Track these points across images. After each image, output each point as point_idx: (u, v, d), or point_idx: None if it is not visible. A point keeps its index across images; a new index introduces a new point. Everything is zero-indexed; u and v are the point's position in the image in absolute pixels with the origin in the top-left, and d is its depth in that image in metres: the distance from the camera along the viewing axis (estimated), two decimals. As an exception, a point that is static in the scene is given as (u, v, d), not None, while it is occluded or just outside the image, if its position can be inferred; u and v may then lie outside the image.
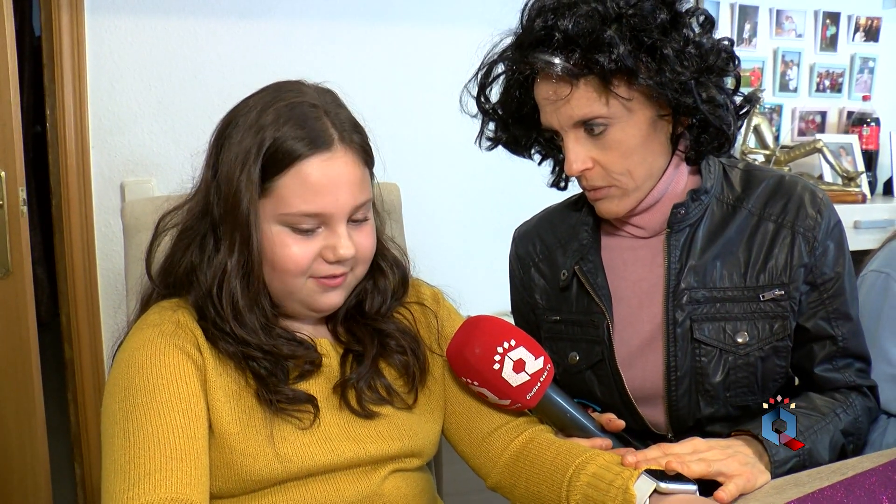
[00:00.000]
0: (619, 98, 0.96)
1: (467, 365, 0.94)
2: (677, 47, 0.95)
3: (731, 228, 1.06)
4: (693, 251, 1.06)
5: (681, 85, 0.95)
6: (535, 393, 0.95)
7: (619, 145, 0.99)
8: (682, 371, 1.04)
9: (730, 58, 1.01)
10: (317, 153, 0.88)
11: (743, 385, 1.04)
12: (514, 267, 1.23)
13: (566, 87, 0.97)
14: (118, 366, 0.87)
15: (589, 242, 1.12)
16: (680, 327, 1.04)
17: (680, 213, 1.06)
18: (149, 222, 1.12)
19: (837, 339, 1.06)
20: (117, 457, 0.79)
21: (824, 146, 2.54)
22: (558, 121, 1.00)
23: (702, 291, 1.04)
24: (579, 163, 1.00)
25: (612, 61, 0.93)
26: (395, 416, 0.95)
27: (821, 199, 1.07)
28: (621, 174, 1.01)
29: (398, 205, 1.35)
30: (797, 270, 1.04)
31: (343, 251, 0.89)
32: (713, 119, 0.98)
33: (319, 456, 0.88)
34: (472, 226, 2.26)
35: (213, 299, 0.89)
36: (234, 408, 0.87)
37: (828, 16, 2.80)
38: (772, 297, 1.03)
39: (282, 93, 0.92)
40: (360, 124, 0.95)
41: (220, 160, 0.89)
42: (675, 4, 0.97)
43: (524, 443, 0.97)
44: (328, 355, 0.96)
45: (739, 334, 1.03)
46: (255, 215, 0.88)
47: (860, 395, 1.07)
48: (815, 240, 1.04)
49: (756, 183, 1.09)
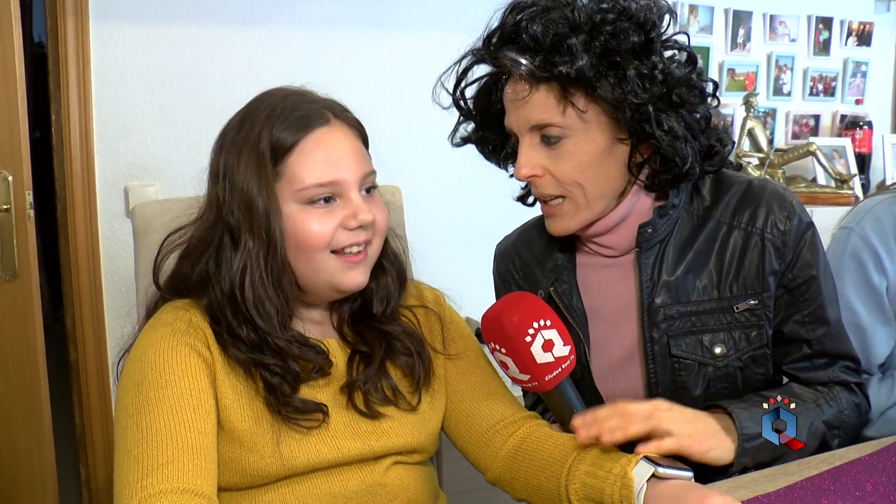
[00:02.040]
0: (576, 109, 0.96)
1: (501, 330, 0.95)
2: (643, 71, 0.95)
3: (701, 240, 1.06)
4: (664, 267, 1.05)
5: (638, 108, 0.95)
6: (555, 377, 0.96)
7: (572, 157, 0.99)
8: (662, 386, 1.05)
9: (701, 95, 1.01)
10: (316, 128, 0.93)
11: (724, 395, 1.04)
12: (498, 282, 1.24)
13: (526, 88, 0.98)
14: (131, 362, 0.90)
15: (563, 262, 1.12)
16: (657, 345, 1.04)
17: (647, 232, 1.05)
18: (158, 224, 1.15)
19: (812, 343, 1.05)
20: (131, 447, 0.82)
21: (818, 149, 2.57)
22: (517, 122, 1.01)
23: (676, 307, 1.04)
24: (528, 168, 1.00)
25: (571, 69, 0.93)
26: (399, 417, 0.98)
27: (790, 202, 1.05)
28: (572, 185, 1.00)
29: (400, 208, 1.38)
30: (769, 277, 1.03)
31: (363, 215, 0.92)
32: (668, 150, 0.97)
33: (325, 453, 0.92)
34: (474, 229, 2.29)
35: (234, 295, 0.91)
36: (242, 407, 0.90)
37: (821, 21, 2.84)
38: (746, 308, 1.03)
39: (268, 94, 0.97)
40: (348, 107, 1.00)
41: (227, 167, 0.93)
42: (651, 31, 0.97)
43: (523, 437, 1.00)
44: (336, 355, 0.99)
45: (717, 346, 1.03)
46: (274, 201, 0.91)
47: (846, 389, 1.07)
48: (784, 245, 1.03)
49: (725, 191, 1.08)
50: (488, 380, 1.06)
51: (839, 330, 1.07)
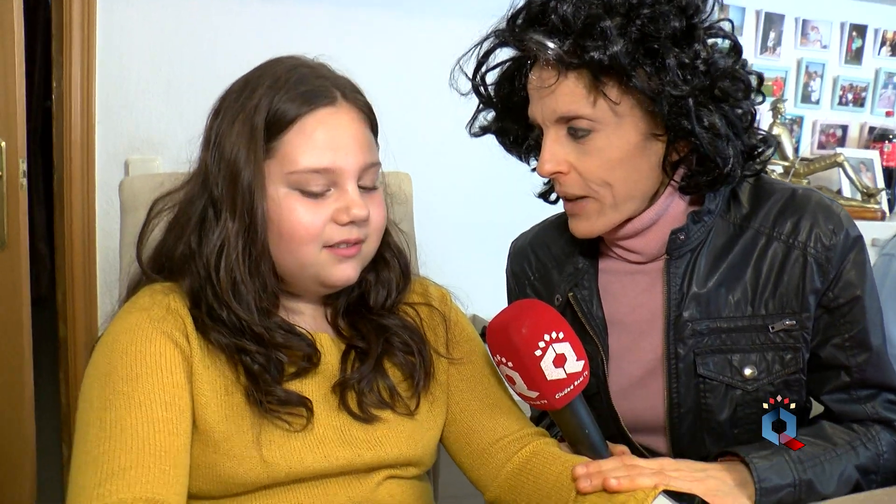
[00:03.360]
0: (608, 100, 0.87)
1: (509, 342, 0.86)
2: (684, 60, 0.86)
3: (737, 250, 0.96)
4: (695, 278, 0.96)
5: (677, 101, 0.86)
6: (566, 395, 0.87)
7: (601, 154, 0.89)
8: (685, 408, 0.96)
9: (746, 90, 0.91)
10: (320, 107, 0.84)
11: (752, 422, 0.95)
12: (511, 283, 1.15)
13: (554, 75, 0.88)
14: (101, 349, 0.81)
15: (585, 266, 1.03)
16: (682, 362, 0.95)
17: (679, 239, 0.96)
18: (147, 200, 1.06)
19: (852, 370, 0.95)
20: (90, 448, 0.73)
21: (845, 160, 2.48)
22: (542, 113, 0.92)
23: (705, 322, 0.95)
24: (553, 163, 0.91)
25: (604, 55, 0.84)
26: (396, 422, 0.89)
27: (837, 214, 0.96)
28: (599, 185, 0.91)
29: (409, 195, 1.30)
30: (809, 297, 0.94)
31: (357, 210, 0.83)
32: (708, 148, 0.88)
33: (310, 461, 0.82)
34: (486, 222, 2.20)
35: (211, 276, 0.83)
36: (220, 404, 0.81)
37: (854, 28, 2.74)
38: (782, 328, 0.94)
39: (278, 61, 0.88)
40: (361, 89, 0.91)
41: (219, 133, 0.85)
42: (694, 16, 0.88)
43: (528, 456, 0.91)
44: (328, 351, 0.90)
45: (747, 367, 0.94)
46: (261, 178, 0.82)
47: (888, 429, 0.96)
48: (828, 262, 0.93)
49: (766, 198, 0.98)
50: (493, 389, 0.97)
51: (882, 358, 0.97)
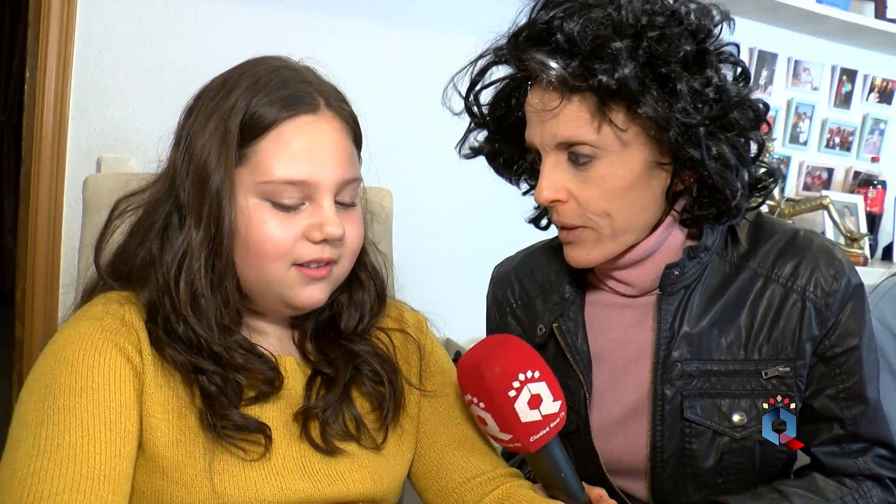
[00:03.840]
0: (614, 126, 0.83)
1: (480, 382, 0.81)
2: (695, 87, 0.82)
3: (732, 291, 0.92)
4: (688, 317, 0.92)
5: (687, 129, 0.81)
6: (541, 437, 0.82)
7: (603, 183, 0.85)
8: (668, 452, 0.92)
9: (756, 118, 0.88)
10: (300, 114, 0.78)
11: (737, 471, 0.91)
12: (491, 310, 1.10)
13: (556, 98, 0.84)
14: (44, 359, 0.74)
15: (571, 296, 0.98)
16: (669, 404, 0.91)
17: (674, 275, 0.92)
18: (113, 200, 1.01)
19: (846, 423, 0.92)
20: (20, 466, 0.66)
21: (830, 203, 2.47)
22: (541, 138, 0.87)
23: (695, 364, 0.91)
24: (551, 191, 0.87)
25: (613, 79, 0.80)
26: (361, 456, 0.83)
27: (839, 260, 0.93)
28: (599, 216, 0.87)
29: (389, 213, 1.25)
30: (805, 344, 0.90)
31: (331, 228, 0.78)
32: (717, 180, 0.85)
33: (266, 494, 0.76)
34: (468, 243, 2.16)
35: (170, 287, 0.77)
36: (171, 427, 0.75)
37: (845, 72, 2.75)
38: (776, 374, 0.90)
39: (261, 61, 0.83)
40: (346, 98, 0.85)
41: (191, 133, 0.79)
42: (705, 40, 0.84)
43: (500, 498, 0.85)
44: (292, 376, 0.84)
45: (736, 413, 0.90)
46: (230, 185, 0.77)
47: (880, 485, 0.93)
48: (827, 309, 0.90)
49: (766, 238, 0.95)
50: (466, 426, 0.91)
51: (878, 412, 0.94)
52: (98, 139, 1.84)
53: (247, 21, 1.92)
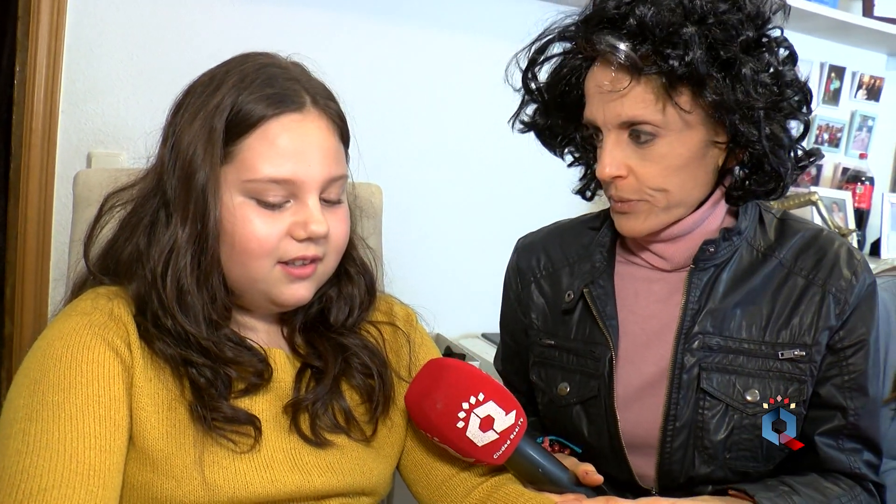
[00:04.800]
0: (679, 108, 0.87)
1: (427, 420, 0.84)
2: (756, 70, 0.87)
3: (758, 277, 0.97)
4: (714, 294, 0.97)
5: (748, 111, 0.86)
6: (504, 452, 0.85)
7: (662, 160, 0.89)
8: (681, 422, 0.95)
9: (806, 101, 0.93)
10: (286, 113, 0.79)
11: (745, 448, 0.95)
12: (513, 280, 1.13)
13: (625, 79, 0.88)
14: (33, 355, 0.75)
15: (602, 266, 1.02)
16: (687, 373, 0.95)
17: (709, 251, 0.97)
18: (104, 196, 1.01)
19: (848, 412, 0.96)
20: (9, 464, 0.67)
21: (819, 199, 2.49)
22: (604, 116, 0.91)
23: (716, 338, 0.95)
24: (613, 167, 0.91)
25: (683, 63, 0.84)
26: (350, 448, 0.84)
27: (858, 260, 0.99)
28: (656, 191, 0.92)
29: (378, 209, 1.26)
30: (822, 333, 0.95)
31: (315, 226, 0.79)
32: (772, 159, 0.90)
33: (256, 486, 0.77)
34: (457, 239, 2.16)
35: (157, 283, 0.77)
36: (161, 420, 0.75)
37: (833, 69, 2.77)
38: (791, 357, 0.94)
39: (248, 58, 0.83)
40: (335, 96, 0.86)
41: (178, 130, 0.79)
42: (764, 26, 0.89)
43: (489, 490, 0.87)
44: (282, 369, 0.85)
45: (749, 391, 0.94)
46: (215, 182, 0.77)
47: (866, 492, 0.98)
48: (845, 302, 0.95)
49: (791, 234, 1.01)
50: None
51: (875, 408, 0.98)
52: (88, 134, 1.83)
53: (238, 16, 1.92)
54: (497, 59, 1.05)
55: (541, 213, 1.21)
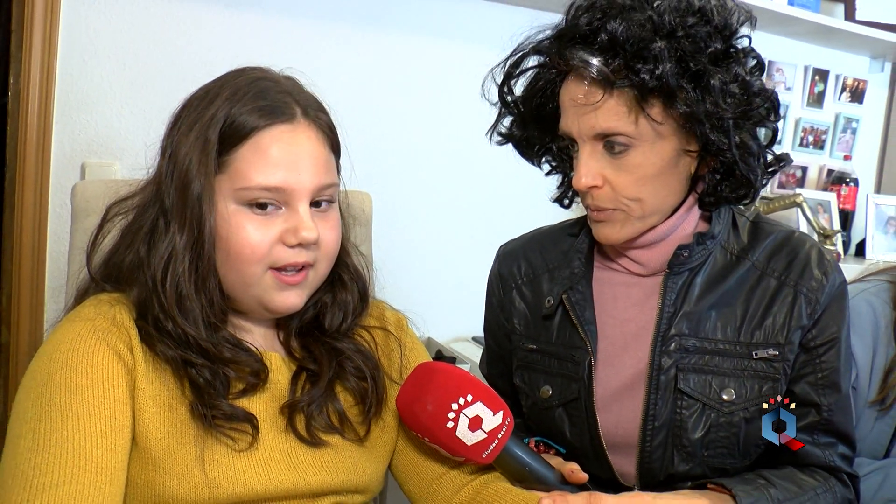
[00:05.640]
0: (650, 119, 0.90)
1: (418, 421, 0.88)
2: (724, 81, 0.89)
3: (732, 279, 1.00)
4: (689, 297, 0.99)
5: (718, 121, 0.89)
6: (492, 451, 0.88)
7: (636, 170, 0.92)
8: (660, 421, 0.98)
9: (773, 109, 0.96)
10: (277, 124, 0.82)
11: (722, 445, 0.98)
12: (495, 286, 1.16)
13: (598, 92, 0.90)
14: (39, 359, 0.78)
15: (581, 272, 1.05)
16: (664, 374, 0.98)
17: (683, 256, 1.00)
18: (101, 206, 1.03)
19: (822, 409, 0.99)
20: (20, 461, 0.70)
21: (804, 201, 2.53)
22: (578, 128, 0.94)
23: (692, 340, 0.98)
24: (589, 178, 0.94)
25: (654, 77, 0.87)
26: (344, 448, 0.87)
27: (828, 260, 1.01)
28: (631, 200, 0.94)
29: (369, 216, 1.28)
30: (794, 332, 0.98)
31: (305, 233, 0.82)
32: (742, 166, 0.93)
33: (254, 483, 0.80)
34: (445, 245, 2.19)
35: (157, 288, 0.80)
36: (163, 420, 0.79)
37: (817, 72, 2.81)
38: (765, 357, 0.97)
39: (242, 72, 0.87)
40: (326, 108, 0.89)
41: (175, 142, 0.82)
42: (732, 38, 0.92)
43: (477, 488, 0.90)
44: (278, 371, 0.88)
45: (725, 391, 0.97)
46: (210, 191, 0.80)
47: (841, 483, 1.01)
48: (816, 302, 0.98)
49: (763, 236, 1.03)
50: None
51: (848, 403, 1.01)
52: (82, 145, 1.85)
53: (228, 27, 1.94)
54: (483, 66, 1.07)
55: (526, 218, 1.24)
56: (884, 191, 3.02)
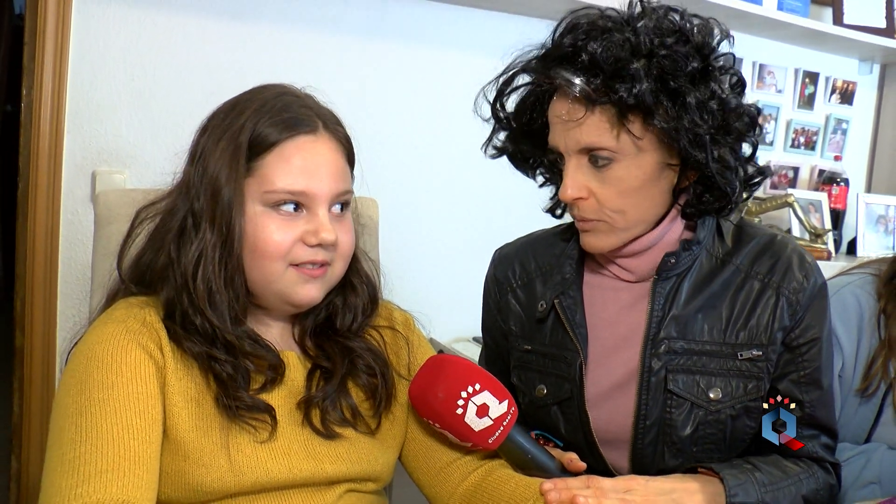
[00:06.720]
0: (631, 135, 0.95)
1: (430, 408, 0.94)
2: (701, 98, 0.93)
3: (717, 283, 1.05)
4: (677, 301, 1.04)
5: (695, 137, 0.93)
6: (498, 437, 0.94)
7: (620, 183, 0.97)
8: (650, 420, 1.03)
9: (752, 124, 1.00)
10: (301, 134, 0.89)
11: (710, 441, 1.03)
12: (491, 289, 1.21)
13: (581, 109, 0.95)
14: (76, 358, 0.84)
15: (572, 277, 1.10)
16: (654, 376, 1.03)
17: (670, 262, 1.04)
18: (121, 214, 1.09)
19: (805, 405, 1.04)
20: (66, 451, 0.77)
21: (795, 201, 2.58)
22: (565, 143, 0.99)
23: (680, 342, 1.03)
24: (574, 190, 0.99)
25: (631, 95, 0.91)
26: (357, 440, 0.94)
27: (809, 263, 1.06)
28: (615, 211, 0.99)
29: (375, 221, 1.34)
30: (777, 333, 1.03)
31: (325, 234, 0.88)
32: (719, 180, 0.97)
33: (275, 471, 0.86)
34: (450, 248, 2.25)
35: (188, 284, 0.87)
36: (191, 413, 0.85)
37: (807, 75, 2.87)
38: (749, 357, 1.02)
39: (266, 88, 0.94)
40: (342, 122, 0.97)
41: (205, 150, 0.89)
42: (709, 57, 0.96)
43: (483, 475, 0.96)
44: (294, 369, 0.94)
45: (713, 390, 1.01)
46: (240, 195, 0.87)
47: (823, 470, 1.06)
48: (797, 303, 1.03)
49: (747, 240, 1.08)
50: None
51: (830, 399, 1.07)
52: (93, 154, 1.91)
53: (234, 40, 2.00)
54: (483, 74, 1.12)
55: (524, 224, 1.29)
56: (874, 190, 3.08)
